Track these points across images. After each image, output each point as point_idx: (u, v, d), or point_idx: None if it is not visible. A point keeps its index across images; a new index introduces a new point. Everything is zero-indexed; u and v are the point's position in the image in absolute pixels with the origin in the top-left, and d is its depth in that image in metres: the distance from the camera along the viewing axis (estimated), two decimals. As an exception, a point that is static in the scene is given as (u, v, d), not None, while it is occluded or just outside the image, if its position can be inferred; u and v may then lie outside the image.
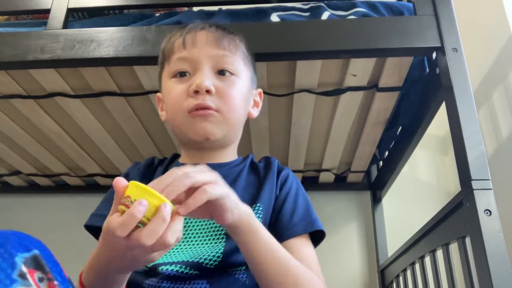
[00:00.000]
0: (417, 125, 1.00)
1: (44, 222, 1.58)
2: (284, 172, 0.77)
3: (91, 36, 0.86)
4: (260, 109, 0.81)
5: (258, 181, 0.74)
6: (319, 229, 0.70)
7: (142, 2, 0.94)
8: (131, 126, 1.18)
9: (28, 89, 1.04)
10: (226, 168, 0.74)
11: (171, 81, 0.72)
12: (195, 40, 0.72)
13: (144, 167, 0.79)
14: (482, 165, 0.69)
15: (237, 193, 0.68)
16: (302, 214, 0.71)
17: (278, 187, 0.74)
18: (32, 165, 1.44)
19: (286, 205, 0.71)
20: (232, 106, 0.71)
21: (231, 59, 0.72)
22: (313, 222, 0.70)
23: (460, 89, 0.75)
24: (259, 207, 0.69)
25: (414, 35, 0.81)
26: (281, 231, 0.68)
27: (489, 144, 1.23)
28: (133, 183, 0.46)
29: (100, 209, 0.73)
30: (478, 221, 0.65)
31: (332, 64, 0.93)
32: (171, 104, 0.72)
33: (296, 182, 0.77)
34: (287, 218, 0.69)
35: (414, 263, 1.02)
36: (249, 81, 0.76)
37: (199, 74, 0.69)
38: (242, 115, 0.75)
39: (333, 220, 1.50)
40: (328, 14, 0.88)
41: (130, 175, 0.78)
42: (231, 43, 0.73)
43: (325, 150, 1.28)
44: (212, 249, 0.64)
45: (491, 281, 0.60)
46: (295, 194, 0.74)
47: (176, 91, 0.71)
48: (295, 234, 0.68)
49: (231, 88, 0.71)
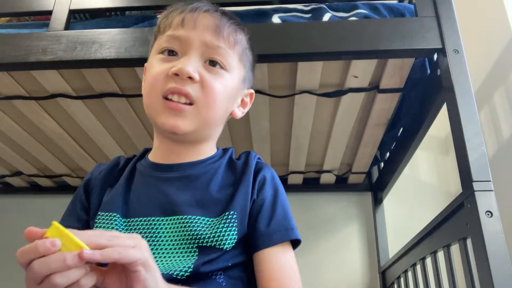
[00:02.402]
0: (418, 126, 1.00)
1: (45, 223, 1.58)
2: (262, 173, 0.70)
3: (93, 38, 0.87)
4: (245, 111, 0.76)
5: (234, 182, 0.68)
6: (296, 238, 0.65)
7: (143, 4, 0.94)
8: (132, 127, 1.18)
9: (30, 90, 1.04)
10: (201, 166, 0.69)
11: (157, 57, 0.68)
12: (195, 21, 0.67)
13: (106, 171, 0.73)
14: (483, 166, 0.69)
15: (212, 194, 0.65)
16: (280, 221, 0.65)
17: (256, 190, 0.67)
18: (34, 166, 1.45)
19: (263, 211, 0.65)
20: (212, 101, 0.65)
21: (225, 52, 0.67)
22: (291, 229, 0.65)
23: (461, 90, 0.76)
24: (232, 215, 0.63)
25: (415, 37, 0.81)
26: (259, 239, 0.63)
27: (490, 145, 1.22)
28: (55, 224, 0.44)
29: (64, 220, 0.70)
30: (479, 222, 0.65)
31: (333, 65, 0.93)
32: (149, 81, 0.67)
33: (275, 185, 0.70)
34: (264, 226, 0.64)
35: (415, 264, 1.02)
36: (239, 80, 0.71)
37: (185, 59, 0.64)
38: (222, 114, 0.69)
39: (334, 221, 1.50)
40: (329, 16, 0.88)
41: (92, 180, 0.73)
42: (232, 35, 0.68)
43: (326, 151, 1.28)
44: (183, 263, 0.60)
45: (492, 282, 0.60)
46: (273, 199, 0.67)
47: (156, 69, 0.66)
48: (273, 242, 0.63)
49: (217, 82, 0.66)
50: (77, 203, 0.71)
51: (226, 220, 0.62)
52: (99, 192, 0.70)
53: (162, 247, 0.62)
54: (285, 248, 0.65)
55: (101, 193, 0.69)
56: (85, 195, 0.72)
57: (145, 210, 0.65)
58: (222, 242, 0.61)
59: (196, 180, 0.67)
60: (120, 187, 0.68)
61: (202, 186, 0.66)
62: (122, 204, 0.66)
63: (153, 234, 0.62)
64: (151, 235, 0.62)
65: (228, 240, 0.61)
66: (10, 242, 1.60)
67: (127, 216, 0.65)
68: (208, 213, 0.63)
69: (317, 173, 1.45)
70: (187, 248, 0.61)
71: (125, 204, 0.66)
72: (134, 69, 0.95)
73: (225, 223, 0.62)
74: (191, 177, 0.67)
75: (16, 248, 0.47)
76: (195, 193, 0.65)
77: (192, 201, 0.64)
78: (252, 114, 1.09)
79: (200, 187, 0.66)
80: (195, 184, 0.67)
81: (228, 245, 0.61)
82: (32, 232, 0.45)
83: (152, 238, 0.62)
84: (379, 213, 1.46)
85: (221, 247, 0.61)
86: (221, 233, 0.61)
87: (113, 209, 0.65)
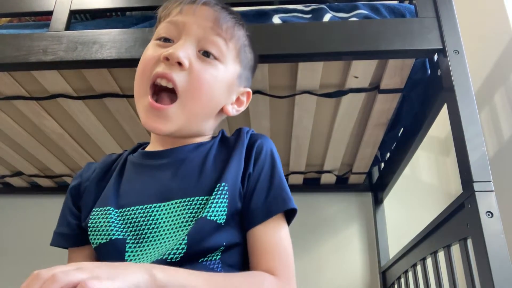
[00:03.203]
0: (418, 127, 1.00)
1: (46, 223, 1.58)
2: (258, 144, 0.68)
3: (94, 38, 0.87)
4: (241, 110, 0.74)
5: (226, 157, 0.66)
6: (293, 207, 0.63)
7: (144, 4, 0.94)
8: (132, 127, 1.18)
9: (31, 90, 1.04)
10: (192, 148, 0.68)
11: (153, 43, 0.67)
12: (195, 10, 0.66)
13: (100, 170, 0.72)
14: (484, 166, 0.69)
15: (206, 174, 0.64)
16: (278, 192, 0.64)
17: (251, 163, 0.66)
18: (34, 166, 1.45)
19: (260, 185, 0.64)
20: (197, 92, 0.63)
21: (221, 44, 0.66)
22: (289, 200, 0.63)
23: (461, 91, 0.76)
24: (224, 186, 0.61)
25: (416, 37, 0.81)
26: (254, 213, 0.62)
27: (490, 145, 1.22)
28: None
29: (58, 226, 0.70)
30: (480, 222, 0.65)
31: (333, 65, 0.93)
32: (141, 65, 0.66)
33: (271, 155, 0.68)
34: (262, 199, 0.63)
35: (415, 264, 1.02)
36: (234, 75, 0.69)
37: (179, 44, 0.63)
38: (211, 106, 0.67)
39: (334, 222, 1.50)
40: (330, 16, 0.88)
41: (83, 183, 0.71)
42: (230, 29, 0.67)
43: (327, 152, 1.28)
44: (175, 240, 0.58)
45: (493, 282, 0.60)
46: (270, 173, 0.66)
47: (150, 53, 0.65)
48: (271, 214, 0.62)
49: (206, 72, 0.64)
50: (66, 209, 0.71)
51: (217, 192, 0.61)
52: (94, 192, 0.69)
53: (161, 233, 0.61)
54: (280, 223, 0.63)
55: (97, 192, 0.68)
56: (72, 200, 0.71)
57: (141, 198, 0.64)
58: (213, 214, 0.59)
59: (189, 163, 0.66)
60: (112, 181, 0.68)
61: (196, 167, 0.65)
62: (114, 197, 0.65)
63: (151, 222, 0.61)
64: (149, 222, 0.62)
65: (219, 211, 0.59)
66: (10, 242, 1.60)
67: (121, 206, 0.64)
68: (203, 191, 0.62)
69: (318, 174, 1.45)
70: (183, 228, 0.60)
71: (118, 196, 0.66)
72: (134, 70, 0.94)
73: (216, 194, 0.61)
74: (184, 161, 0.66)
75: (16, 247, 0.46)
76: (189, 175, 0.64)
77: (186, 183, 0.64)
78: (253, 114, 1.09)
79: (194, 169, 0.65)
80: (188, 166, 0.66)
81: (218, 216, 0.59)
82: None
83: (151, 225, 0.61)
84: (380, 213, 1.46)
85: (212, 218, 0.59)
86: (212, 204, 0.60)
87: (107, 203, 0.64)
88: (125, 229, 0.62)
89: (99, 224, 0.62)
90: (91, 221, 0.64)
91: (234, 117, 0.75)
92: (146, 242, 0.61)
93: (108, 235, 0.61)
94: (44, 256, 1.55)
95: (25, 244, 1.56)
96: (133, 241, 0.61)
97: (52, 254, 1.54)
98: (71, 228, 0.68)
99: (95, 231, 0.63)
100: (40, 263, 1.66)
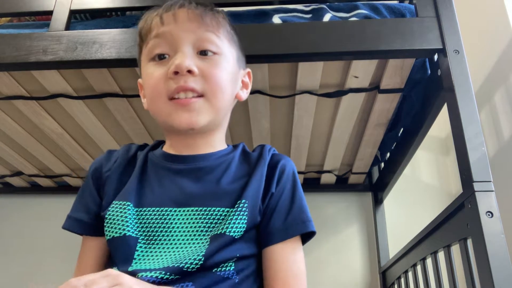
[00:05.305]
0: (418, 127, 1.00)
1: (46, 223, 1.58)
2: (281, 164, 0.69)
3: (94, 38, 0.87)
4: (249, 91, 0.76)
5: (248, 173, 0.67)
6: (312, 230, 0.65)
7: (144, 4, 0.94)
8: (133, 127, 1.18)
9: (30, 90, 1.04)
10: (213, 158, 0.69)
11: (150, 65, 0.67)
12: (175, 16, 0.67)
13: (122, 161, 0.72)
14: (484, 166, 0.69)
15: (225, 186, 0.65)
16: (297, 214, 0.65)
17: (274, 183, 0.67)
18: (34, 166, 1.45)
19: (280, 205, 0.65)
20: (218, 87, 0.65)
21: (213, 38, 0.67)
22: (308, 222, 0.65)
23: (461, 91, 0.75)
24: (244, 203, 0.63)
25: (416, 37, 0.81)
26: (272, 233, 0.63)
27: (490, 145, 1.22)
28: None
29: (74, 210, 0.70)
30: (480, 223, 0.65)
31: (333, 65, 0.93)
32: (150, 89, 0.66)
33: (293, 176, 0.70)
34: (281, 220, 0.64)
35: (415, 264, 1.02)
36: (234, 61, 0.71)
37: (179, 54, 0.64)
38: (229, 98, 0.70)
39: (334, 222, 1.50)
40: (330, 16, 0.88)
41: (104, 169, 0.71)
42: (214, 20, 0.68)
43: (327, 152, 1.28)
44: (194, 251, 0.59)
45: (493, 283, 0.60)
46: (291, 194, 0.67)
47: (154, 75, 0.65)
48: (288, 236, 0.63)
49: (216, 68, 0.66)
50: (87, 193, 0.70)
51: (237, 208, 0.62)
52: (116, 183, 0.69)
53: (175, 238, 0.62)
54: (295, 246, 0.65)
55: (118, 184, 0.68)
56: (95, 184, 0.70)
57: (158, 200, 0.65)
58: (232, 230, 0.60)
59: (210, 173, 0.67)
60: (134, 177, 0.68)
61: (216, 178, 0.66)
62: (135, 193, 0.66)
63: (165, 225, 0.63)
64: (164, 225, 0.62)
65: (238, 228, 0.61)
66: (10, 242, 1.60)
67: (139, 205, 0.65)
68: (222, 203, 0.63)
69: (318, 173, 1.45)
70: (199, 239, 0.61)
71: (138, 194, 0.66)
72: (134, 69, 0.95)
73: (236, 211, 0.62)
74: (204, 169, 0.67)
75: (16, 247, 0.47)
76: (208, 185, 0.65)
77: (205, 192, 0.64)
78: (253, 114, 1.09)
79: (214, 179, 0.66)
80: (209, 176, 0.67)
81: (237, 233, 0.60)
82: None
83: (165, 228, 0.62)
84: (380, 213, 1.46)
85: (230, 234, 0.60)
86: (231, 220, 0.61)
87: (127, 198, 0.65)
88: (138, 228, 0.63)
89: (117, 217, 0.63)
90: (109, 213, 0.64)
91: (234, 117, 0.75)
92: (158, 244, 0.61)
93: (123, 230, 0.62)
94: (44, 256, 1.56)
95: (25, 244, 1.56)
96: (145, 241, 0.62)
97: (52, 254, 1.55)
98: (90, 216, 0.68)
99: (111, 224, 0.63)
100: (40, 263, 1.66)
